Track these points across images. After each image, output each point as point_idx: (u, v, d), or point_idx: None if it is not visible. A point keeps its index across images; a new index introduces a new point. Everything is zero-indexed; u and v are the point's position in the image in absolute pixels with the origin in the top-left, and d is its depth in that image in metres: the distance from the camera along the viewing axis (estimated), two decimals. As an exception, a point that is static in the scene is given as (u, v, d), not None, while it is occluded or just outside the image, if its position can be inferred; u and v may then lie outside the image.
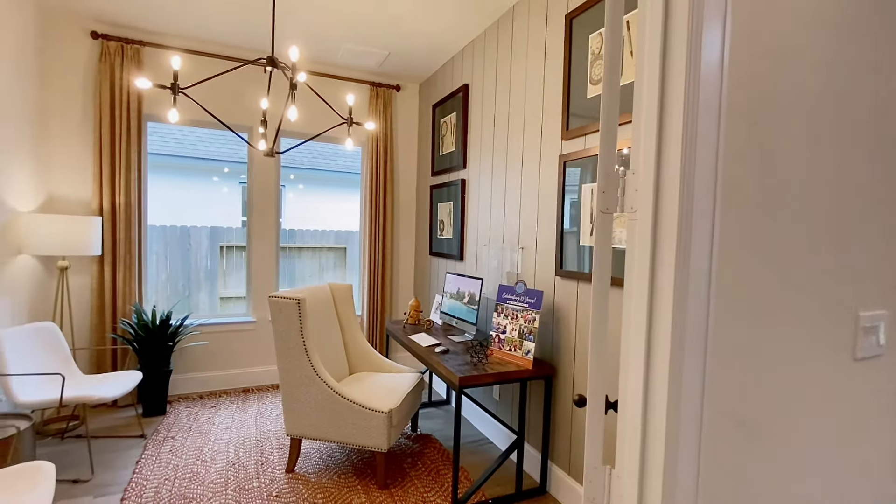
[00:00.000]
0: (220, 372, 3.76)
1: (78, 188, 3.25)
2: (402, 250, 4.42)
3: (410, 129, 4.37)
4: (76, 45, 3.19)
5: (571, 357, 2.28)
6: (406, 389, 2.61)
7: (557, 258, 2.35)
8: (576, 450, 2.25)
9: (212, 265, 4.20)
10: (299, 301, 2.40)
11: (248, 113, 3.72)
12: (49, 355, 2.71)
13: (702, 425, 0.84)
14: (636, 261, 0.87)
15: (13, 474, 1.66)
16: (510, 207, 2.81)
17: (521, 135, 2.70)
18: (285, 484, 2.41)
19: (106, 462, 2.58)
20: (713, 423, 0.86)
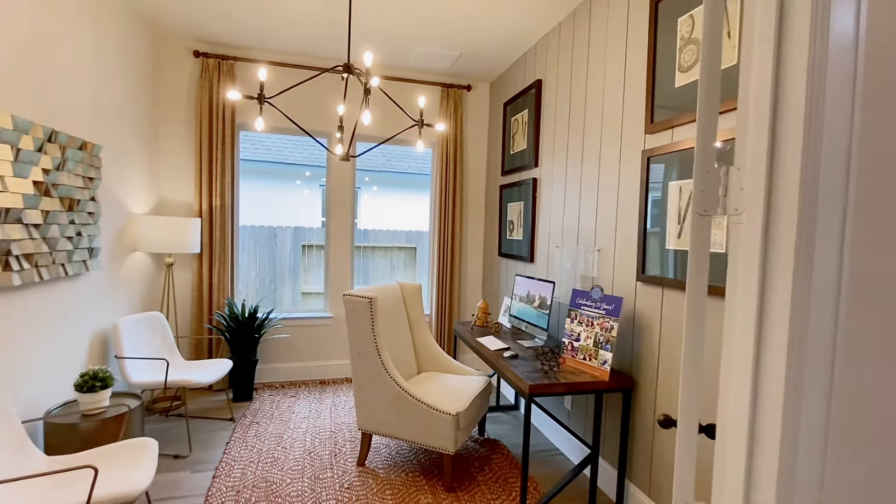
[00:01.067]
0: (299, 363, 3.99)
1: (182, 192, 3.62)
2: (471, 251, 4.39)
3: (480, 129, 4.33)
4: (182, 63, 3.55)
5: (654, 370, 2.10)
6: (474, 392, 2.57)
7: (639, 262, 2.17)
8: (657, 470, 2.07)
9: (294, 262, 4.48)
10: (371, 300, 2.46)
11: (326, 119, 3.91)
12: (157, 342, 3.04)
13: (825, 471, 0.71)
14: (741, 269, 0.75)
15: (126, 447, 1.88)
16: (586, 207, 2.67)
17: (599, 130, 2.55)
18: (356, 477, 2.48)
19: (201, 441, 2.84)
20: (841, 471, 0.72)
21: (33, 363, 2.11)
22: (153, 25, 3.30)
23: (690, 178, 1.90)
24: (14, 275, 1.88)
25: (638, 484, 2.19)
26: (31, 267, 1.99)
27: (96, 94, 2.60)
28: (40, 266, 2.07)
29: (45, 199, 2.08)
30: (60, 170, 2.20)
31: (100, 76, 2.64)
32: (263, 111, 2.15)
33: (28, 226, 1.98)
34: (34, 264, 2.02)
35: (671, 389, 1.99)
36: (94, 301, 2.65)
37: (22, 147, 1.92)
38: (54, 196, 2.16)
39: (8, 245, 1.85)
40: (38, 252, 2.04)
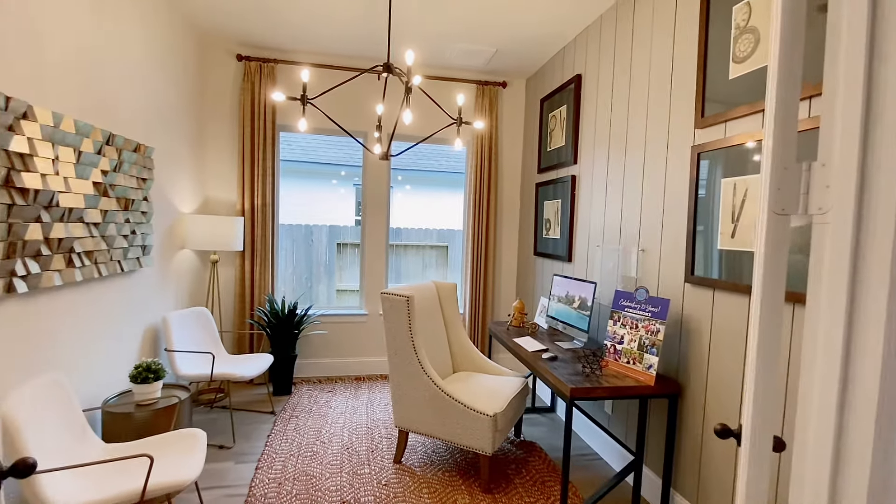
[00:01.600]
0: (336, 359, 4.06)
1: (226, 192, 3.75)
2: (505, 250, 4.35)
3: (516, 126, 4.27)
4: (225, 67, 3.67)
5: (703, 376, 2.01)
6: (511, 394, 2.54)
7: (688, 263, 2.08)
8: (706, 481, 1.97)
9: (329, 260, 4.57)
10: (409, 298, 2.47)
11: (364, 119, 3.95)
12: (203, 336, 3.16)
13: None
14: (826, 273, 0.70)
15: (178, 437, 1.95)
16: (629, 205, 2.58)
17: (644, 126, 2.45)
18: (393, 474, 2.50)
19: (244, 433, 2.93)
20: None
21: (92, 355, 2.23)
22: (200, 31, 3.43)
23: (745, 175, 1.80)
24: (76, 271, 1.99)
25: (684, 493, 2.10)
26: (91, 263, 2.10)
27: (149, 99, 2.72)
28: (99, 263, 2.18)
29: (103, 199, 2.19)
30: (117, 171, 2.31)
31: (152, 81, 2.75)
32: (304, 113, 2.19)
33: (88, 224, 2.09)
34: (94, 261, 2.13)
35: (722, 397, 1.90)
36: (147, 296, 2.78)
37: (83, 150, 2.03)
38: (111, 196, 2.27)
39: (71, 242, 1.96)
40: (97, 249, 2.15)
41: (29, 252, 1.72)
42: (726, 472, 1.87)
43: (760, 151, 1.74)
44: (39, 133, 1.75)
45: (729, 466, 1.86)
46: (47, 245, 1.82)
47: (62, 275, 1.90)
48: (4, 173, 1.59)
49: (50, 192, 1.81)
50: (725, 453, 1.88)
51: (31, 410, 1.58)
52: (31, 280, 1.72)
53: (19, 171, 1.65)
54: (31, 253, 1.73)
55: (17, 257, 1.65)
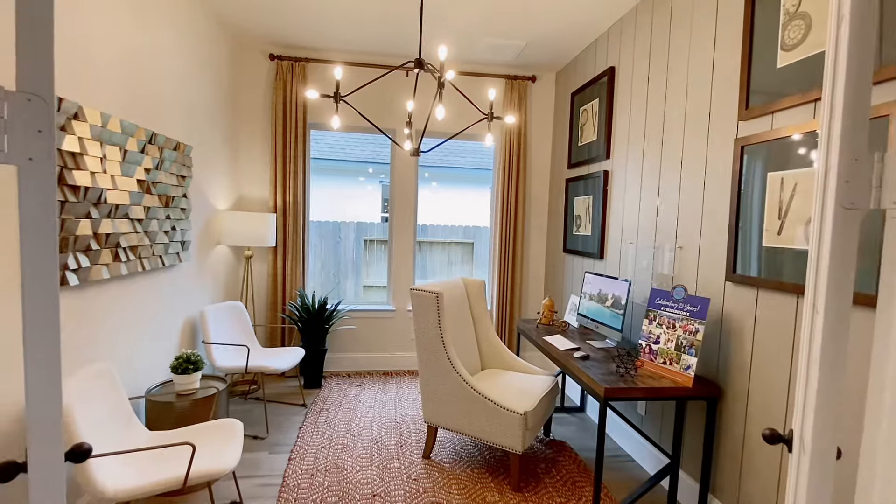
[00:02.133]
0: (364, 354, 4.11)
1: (259, 189, 3.84)
2: (533, 247, 4.29)
3: (545, 120, 4.20)
4: (258, 67, 3.75)
5: (745, 379, 1.93)
6: (541, 392, 2.51)
7: (729, 261, 2.00)
8: (748, 487, 1.90)
9: (357, 257, 4.62)
10: (438, 295, 2.47)
11: (394, 115, 3.97)
12: (237, 329, 3.25)
13: None
14: (901, 273, 0.65)
15: (217, 426, 2.01)
16: (665, 201, 2.50)
17: (682, 118, 2.37)
18: (422, 469, 2.51)
19: (277, 424, 3.01)
20: None
21: (136, 346, 2.32)
22: (234, 32, 3.51)
23: (794, 169, 1.71)
24: (122, 265, 2.08)
25: (723, 499, 2.03)
26: (135, 258, 2.19)
27: (187, 99, 2.81)
28: (143, 257, 2.26)
29: (146, 196, 2.27)
30: (159, 169, 2.40)
31: (190, 81, 2.84)
32: (338, 110, 2.22)
33: (133, 220, 2.17)
34: (138, 255, 2.22)
35: (767, 401, 1.82)
36: (186, 290, 2.87)
37: (128, 149, 2.10)
38: (154, 193, 2.35)
39: (117, 238, 2.04)
40: (140, 244, 2.23)
41: (80, 247, 1.80)
42: (770, 478, 1.79)
43: (813, 143, 1.65)
44: (89, 133, 1.82)
45: (773, 473, 1.78)
46: (96, 240, 1.90)
47: (109, 268, 1.98)
48: (58, 171, 1.67)
49: (98, 190, 1.89)
50: (770, 459, 1.80)
51: (82, 398, 1.66)
52: (81, 273, 1.80)
53: (71, 169, 1.73)
54: (82, 247, 1.81)
55: (69, 252, 1.73)
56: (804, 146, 1.66)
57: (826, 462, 0.74)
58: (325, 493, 2.26)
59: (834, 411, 0.74)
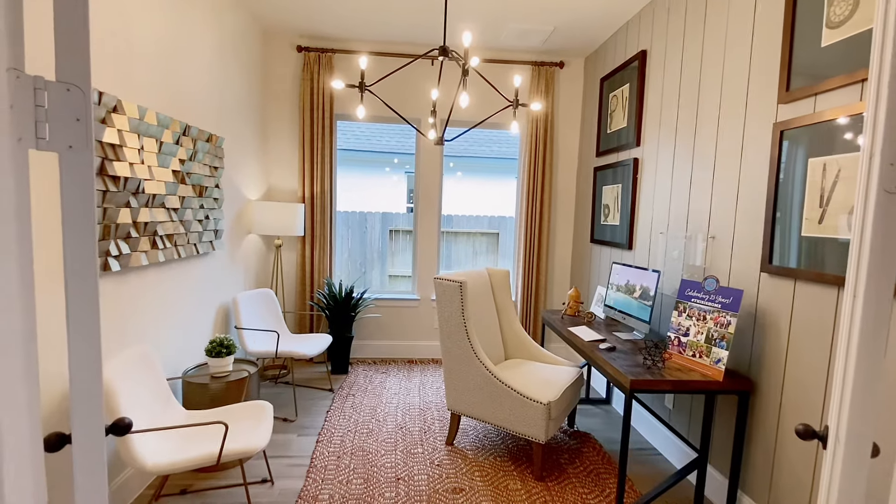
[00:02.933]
0: (389, 342, 4.18)
1: (288, 180, 3.92)
2: (559, 237, 4.23)
3: (573, 108, 4.11)
4: (286, 59, 3.81)
5: (780, 373, 1.86)
6: (565, 383, 2.49)
7: (765, 251, 1.92)
8: (780, 483, 1.84)
9: (382, 246, 4.68)
10: (461, 284, 2.47)
11: (418, 105, 3.96)
12: (268, 316, 3.36)
13: None
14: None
15: (248, 407, 2.10)
16: (698, 189, 2.41)
17: (717, 103, 2.27)
18: (445, 455, 2.55)
19: (305, 407, 3.10)
20: None
21: (173, 329, 2.43)
22: (263, 24, 3.57)
23: (836, 154, 1.62)
24: (160, 252, 2.17)
25: (753, 496, 1.98)
26: (171, 245, 2.29)
27: (219, 91, 2.89)
28: (178, 245, 2.36)
29: (181, 186, 2.36)
30: (192, 160, 2.48)
31: (221, 74, 2.91)
32: (363, 100, 2.23)
33: (169, 210, 2.26)
34: (174, 243, 2.31)
35: (802, 396, 1.75)
36: (219, 277, 2.98)
37: (164, 140, 2.19)
38: (188, 183, 2.44)
39: (155, 226, 2.13)
40: (176, 233, 2.33)
41: (120, 234, 1.89)
42: (804, 475, 1.73)
43: (858, 127, 1.55)
44: (127, 125, 1.90)
45: (807, 469, 1.72)
46: (135, 228, 1.99)
47: (148, 255, 2.08)
48: (99, 163, 1.76)
49: (137, 180, 1.98)
50: (804, 456, 1.74)
51: (125, 377, 1.76)
52: (122, 260, 1.89)
53: (112, 160, 1.81)
54: (122, 235, 1.90)
55: (110, 239, 1.82)
56: (849, 130, 1.57)
57: (860, 457, 0.71)
58: (352, 474, 2.33)
59: (871, 403, 0.70)
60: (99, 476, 0.61)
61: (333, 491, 2.19)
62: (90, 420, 0.60)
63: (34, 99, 0.51)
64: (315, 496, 2.14)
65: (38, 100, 0.51)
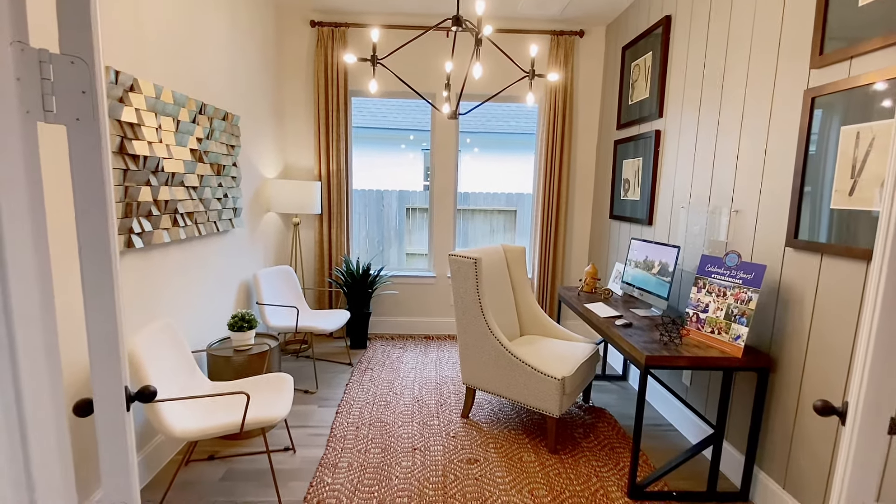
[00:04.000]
0: (406, 318, 4.23)
1: (304, 158, 3.94)
2: (578, 213, 4.16)
3: (593, 79, 3.97)
4: (300, 35, 3.77)
5: (802, 350, 1.81)
6: (580, 359, 2.49)
7: (791, 225, 1.85)
8: (798, 461, 1.82)
9: (399, 224, 4.69)
10: (476, 260, 2.47)
11: (433, 79, 3.89)
12: (288, 292, 3.44)
13: None
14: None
15: (270, 379, 2.17)
16: (722, 161, 2.32)
17: (745, 70, 2.16)
18: (461, 427, 2.60)
19: (325, 380, 3.19)
20: None
21: (197, 305, 2.51)
22: (277, 1, 3.53)
23: (871, 122, 1.52)
24: (180, 230, 2.23)
25: (770, 472, 1.96)
26: (191, 223, 2.34)
27: (234, 69, 2.89)
28: (199, 223, 2.41)
29: (199, 165, 2.40)
30: (209, 139, 2.51)
31: (236, 52, 2.91)
32: (375, 74, 2.20)
33: (188, 188, 2.31)
34: (194, 221, 2.37)
35: (825, 374, 1.71)
36: (239, 254, 3.05)
37: (181, 119, 2.21)
38: (206, 162, 2.48)
39: (175, 204, 2.18)
40: (196, 210, 2.38)
41: (142, 212, 1.94)
42: (823, 453, 1.71)
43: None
44: (144, 104, 1.93)
45: (827, 447, 1.69)
46: (156, 206, 2.04)
47: (169, 233, 2.13)
48: (119, 141, 1.79)
49: (156, 159, 2.01)
50: (824, 433, 1.71)
51: (150, 349, 1.84)
52: (145, 237, 1.95)
53: (130, 139, 1.85)
54: (144, 213, 1.96)
55: (133, 216, 1.87)
56: (887, 96, 1.47)
57: (877, 430, 0.69)
58: (370, 444, 2.40)
59: (890, 376, 0.68)
60: (120, 440, 0.64)
61: (352, 459, 2.27)
62: (109, 385, 0.63)
63: (40, 72, 0.52)
64: (335, 464, 2.23)
65: (43, 73, 0.52)
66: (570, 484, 2.13)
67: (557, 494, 2.05)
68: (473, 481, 2.13)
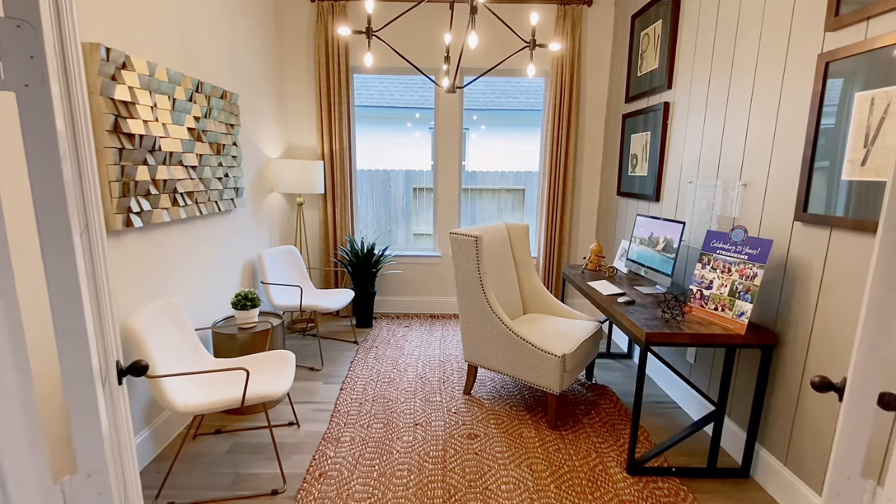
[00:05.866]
0: (411, 298, 4.25)
1: (306, 137, 3.91)
2: (585, 190, 4.08)
3: (602, 50, 3.83)
4: (300, 10, 3.69)
5: (807, 327, 1.77)
6: (582, 337, 2.48)
7: (800, 198, 1.78)
8: (799, 437, 1.80)
9: (406, 205, 4.66)
10: (476, 238, 2.44)
11: (434, 54, 3.80)
12: (293, 271, 3.46)
13: None
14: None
15: (272, 356, 2.20)
16: (731, 133, 2.24)
17: (757, 36, 2.05)
18: (462, 404, 2.62)
19: (331, 358, 3.24)
20: None
21: (201, 284, 2.55)
22: (274, -27, 3.45)
23: (886, 87, 1.44)
24: (181, 209, 2.24)
25: (771, 449, 1.95)
26: (192, 203, 2.35)
27: (231, 46, 2.85)
28: (199, 203, 2.42)
29: (197, 144, 2.39)
30: (207, 117, 2.50)
31: (233, 28, 2.86)
32: (372, 47, 2.15)
33: (187, 167, 2.31)
34: (194, 201, 2.37)
35: (830, 351, 1.66)
36: (243, 234, 3.07)
37: (177, 97, 2.20)
38: (205, 141, 2.47)
39: (174, 184, 2.19)
40: (196, 190, 2.38)
41: (140, 192, 1.95)
42: (825, 430, 1.68)
43: (916, 52, 1.37)
44: (138, 82, 1.91)
45: (829, 426, 1.66)
46: (154, 185, 2.05)
47: (169, 212, 2.15)
48: (113, 120, 1.79)
49: (152, 137, 2.01)
50: (826, 411, 1.68)
51: (153, 327, 1.87)
52: (144, 216, 1.96)
53: (125, 117, 1.84)
54: (142, 192, 1.97)
55: (130, 196, 1.88)
56: (906, 56, 1.39)
57: (864, 405, 0.66)
58: (372, 419, 2.44)
59: (880, 352, 0.65)
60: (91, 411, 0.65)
61: (355, 434, 2.31)
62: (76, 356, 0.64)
63: (-16, 36, 0.51)
64: (337, 438, 2.27)
65: (-13, 37, 0.51)
66: (569, 459, 2.14)
67: (556, 469, 2.07)
68: (473, 455, 2.16)
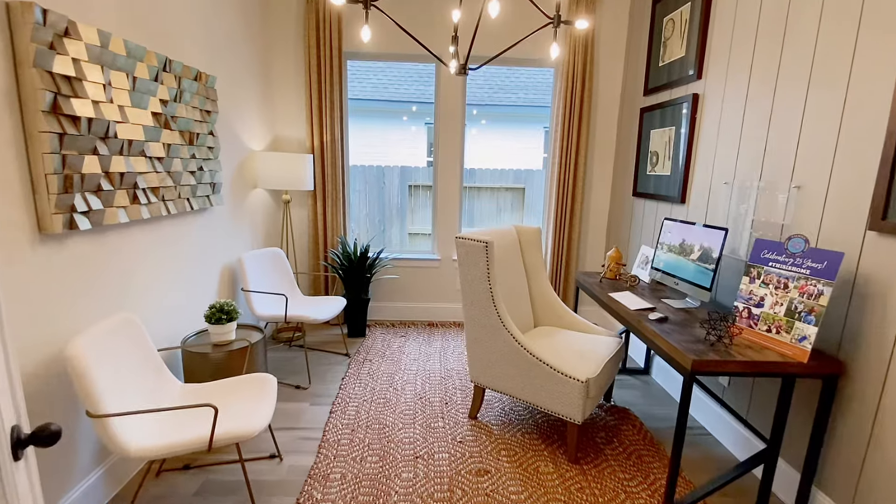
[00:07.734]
0: (408, 304, 3.93)
1: (294, 128, 3.57)
2: (595, 190, 3.80)
3: (616, 40, 3.55)
4: (289, -12, 3.35)
5: (884, 355, 1.50)
6: (605, 356, 2.19)
7: (878, 203, 1.50)
8: (868, 484, 1.53)
9: (402, 203, 4.35)
10: (487, 244, 2.14)
11: (438, 37, 3.48)
12: (278, 277, 3.13)
13: None
14: None
15: (250, 381, 1.88)
16: (779, 128, 1.96)
17: (817, 12, 1.77)
18: (469, 430, 2.32)
19: (319, 374, 2.92)
20: None
21: (169, 294, 2.21)
22: (259, -55, 3.10)
23: None
24: (143, 208, 1.90)
25: (832, 495, 1.67)
26: (158, 200, 2.01)
27: (207, 21, 2.51)
28: (167, 200, 2.09)
29: (165, 132, 2.06)
30: (177, 101, 2.16)
31: (210, 3, 2.52)
32: (370, 24, 1.86)
33: (151, 159, 1.97)
34: (161, 198, 2.04)
35: (919, 387, 1.39)
36: (221, 236, 2.73)
37: (138, 76, 1.86)
38: (174, 129, 2.13)
39: (134, 178, 1.85)
40: (163, 185, 2.05)
41: (88, 187, 1.61)
42: (911, 482, 1.41)
43: None
44: (85, 54, 1.58)
45: (917, 476, 1.39)
46: (108, 179, 1.71)
47: (127, 211, 1.81)
48: (51, 98, 1.45)
49: (105, 122, 1.67)
50: (913, 459, 1.41)
51: (102, 350, 1.54)
52: (93, 216, 1.63)
53: (67, 96, 1.51)
54: (92, 188, 1.63)
55: (75, 192, 1.55)
56: None
57: None
58: (366, 451, 2.13)
59: None
60: None
61: (346, 470, 2.00)
62: None
63: None
64: (326, 475, 1.96)
65: None
66: (595, 502, 1.85)
67: (581, 515, 1.78)
68: (484, 497, 1.86)
